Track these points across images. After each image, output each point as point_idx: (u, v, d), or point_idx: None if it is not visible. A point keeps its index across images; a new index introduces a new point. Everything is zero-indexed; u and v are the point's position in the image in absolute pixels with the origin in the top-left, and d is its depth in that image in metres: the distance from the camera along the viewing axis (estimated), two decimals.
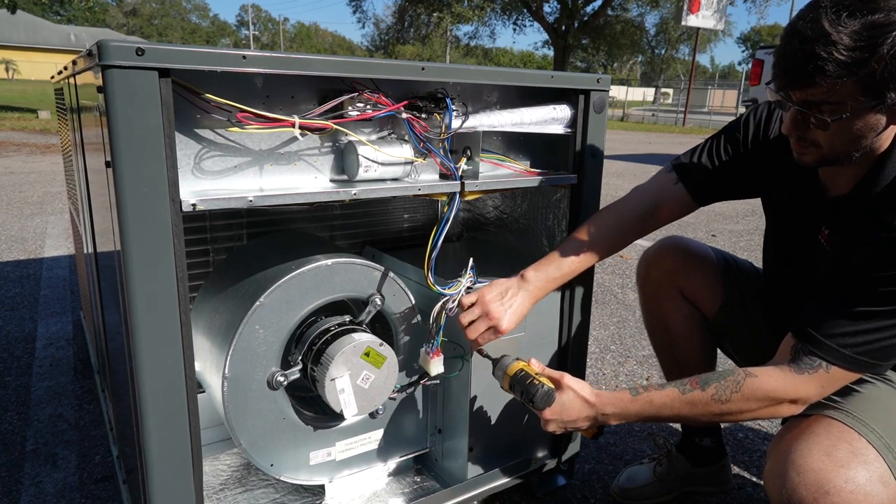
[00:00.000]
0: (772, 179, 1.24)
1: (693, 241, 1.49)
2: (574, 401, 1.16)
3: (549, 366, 1.43)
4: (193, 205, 0.92)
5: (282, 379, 1.18)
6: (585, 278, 1.43)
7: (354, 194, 1.08)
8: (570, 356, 1.45)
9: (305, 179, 1.11)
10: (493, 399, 1.37)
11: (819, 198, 1.17)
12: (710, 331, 1.50)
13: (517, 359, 1.25)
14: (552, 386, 1.18)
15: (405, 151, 1.15)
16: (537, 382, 1.17)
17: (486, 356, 1.28)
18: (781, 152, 1.19)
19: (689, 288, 1.47)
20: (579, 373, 1.50)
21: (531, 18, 25.02)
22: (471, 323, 1.22)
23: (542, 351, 1.42)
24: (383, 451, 1.38)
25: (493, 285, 1.25)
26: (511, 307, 1.22)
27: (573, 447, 1.55)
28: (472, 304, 1.22)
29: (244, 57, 0.91)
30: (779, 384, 1.05)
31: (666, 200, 1.32)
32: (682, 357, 1.52)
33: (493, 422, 1.39)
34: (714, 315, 1.47)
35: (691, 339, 1.50)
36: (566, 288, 1.40)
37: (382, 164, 1.12)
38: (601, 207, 1.38)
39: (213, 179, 1.02)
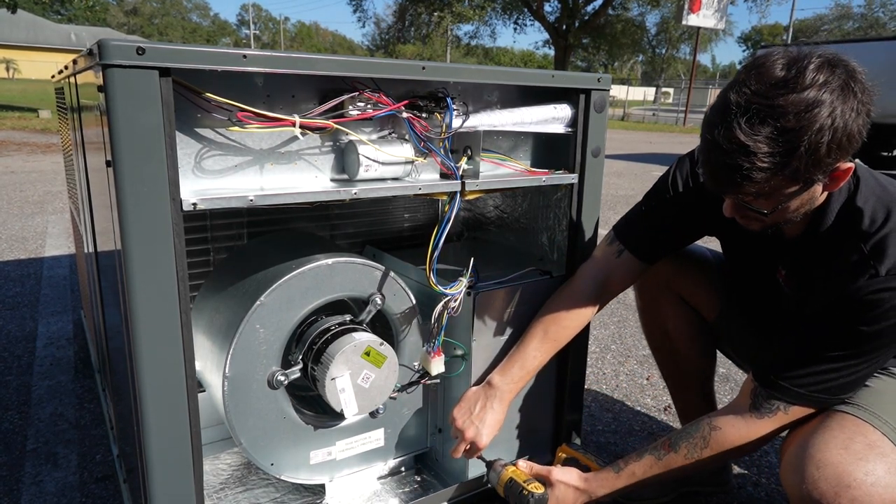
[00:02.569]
0: (720, 221, 1.23)
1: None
2: (566, 492, 1.23)
3: (550, 366, 1.44)
4: (194, 204, 0.92)
5: (282, 378, 1.18)
6: None
7: (355, 194, 1.08)
8: (571, 356, 1.45)
9: (306, 179, 1.11)
10: None
11: (776, 238, 1.18)
12: (709, 334, 1.50)
13: (506, 465, 1.30)
14: (541, 489, 1.23)
15: (406, 151, 1.15)
16: (526, 492, 1.23)
17: (481, 458, 1.34)
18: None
19: (688, 292, 1.46)
20: (580, 373, 1.50)
21: (532, 18, 25.01)
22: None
23: None
24: (384, 451, 1.38)
25: (461, 403, 1.30)
26: (484, 421, 1.27)
27: None
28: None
29: (245, 56, 0.91)
30: (743, 432, 1.12)
31: (614, 274, 1.33)
32: (684, 361, 1.52)
33: None
34: (714, 318, 1.47)
35: (692, 344, 1.50)
36: None
37: (383, 163, 1.12)
38: (600, 206, 1.38)
39: (214, 179, 1.02)
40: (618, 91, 32.92)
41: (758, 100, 0.91)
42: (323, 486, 1.34)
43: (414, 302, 1.32)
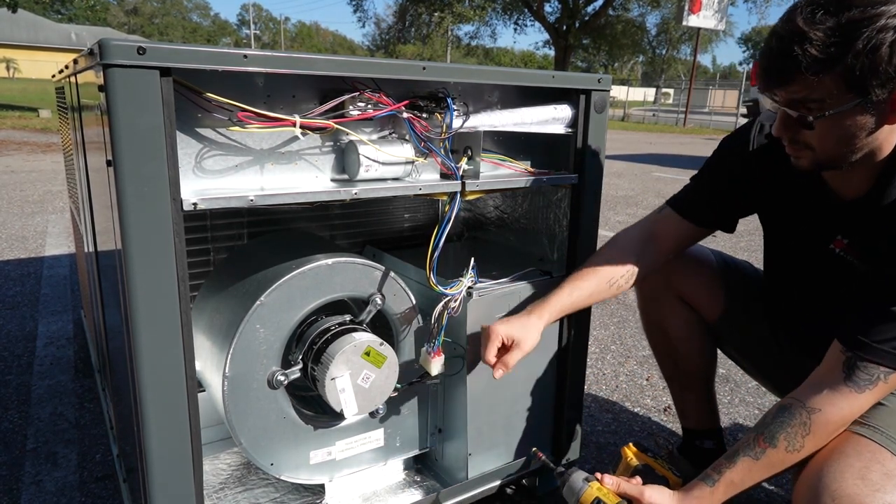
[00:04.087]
0: (769, 192, 1.22)
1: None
2: None
3: (550, 367, 1.44)
4: (194, 204, 0.92)
5: (282, 378, 1.18)
6: None
7: (355, 194, 1.08)
8: (571, 356, 1.45)
9: (306, 179, 1.11)
10: (493, 399, 1.37)
11: (829, 204, 1.14)
12: (710, 334, 1.49)
13: (586, 479, 1.14)
14: None
15: (406, 151, 1.15)
16: None
17: (547, 463, 1.23)
18: (773, 164, 1.19)
19: (689, 292, 1.46)
20: (580, 373, 1.50)
21: (532, 18, 25.02)
22: (495, 356, 1.22)
23: (542, 352, 1.42)
24: (383, 451, 1.38)
25: (499, 321, 1.25)
26: (511, 321, 1.23)
27: (574, 451, 1.55)
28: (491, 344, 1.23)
29: (245, 56, 0.91)
30: (845, 410, 1.01)
31: (659, 230, 1.33)
32: (683, 362, 1.52)
33: (493, 421, 1.39)
34: (715, 319, 1.46)
35: (692, 344, 1.49)
36: None
37: (383, 163, 1.12)
38: (600, 206, 1.38)
39: (214, 178, 1.02)
40: (618, 91, 32.91)
41: None
42: (323, 486, 1.34)
43: (414, 302, 1.32)
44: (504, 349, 1.23)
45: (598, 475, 1.14)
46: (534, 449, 1.30)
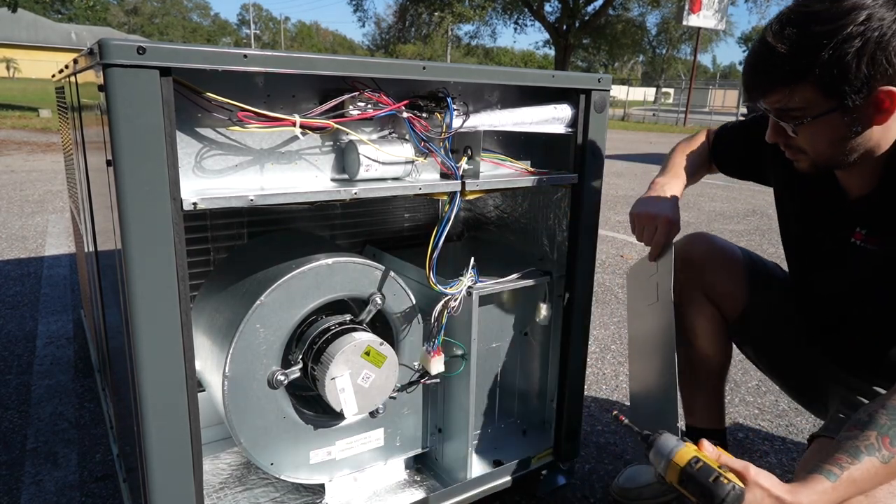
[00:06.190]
0: (789, 178, 1.23)
1: (719, 237, 1.48)
2: (764, 500, 0.94)
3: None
4: (194, 203, 0.92)
5: (282, 378, 1.18)
6: (586, 277, 1.43)
7: (355, 193, 1.08)
8: (571, 356, 1.45)
9: (306, 178, 1.11)
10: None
11: (842, 200, 1.16)
12: (728, 332, 1.48)
13: (682, 439, 0.99)
14: (741, 484, 0.94)
15: (406, 151, 1.15)
16: (725, 481, 0.92)
17: (628, 426, 1.08)
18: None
19: (714, 287, 1.44)
20: (580, 372, 1.50)
21: (532, 18, 25.02)
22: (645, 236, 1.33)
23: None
24: (383, 451, 1.38)
25: (662, 208, 1.32)
26: (673, 206, 1.32)
27: (574, 451, 1.55)
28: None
29: (245, 56, 0.91)
30: None
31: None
32: (698, 359, 1.50)
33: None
34: (736, 317, 1.45)
35: (710, 341, 1.47)
36: (566, 289, 1.41)
37: (383, 163, 1.12)
38: (600, 206, 1.38)
39: (214, 178, 1.02)
40: (618, 91, 32.87)
41: (798, 8, 0.94)
42: (323, 485, 1.34)
43: (414, 302, 1.32)
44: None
45: (701, 440, 1.03)
46: (615, 412, 1.17)
